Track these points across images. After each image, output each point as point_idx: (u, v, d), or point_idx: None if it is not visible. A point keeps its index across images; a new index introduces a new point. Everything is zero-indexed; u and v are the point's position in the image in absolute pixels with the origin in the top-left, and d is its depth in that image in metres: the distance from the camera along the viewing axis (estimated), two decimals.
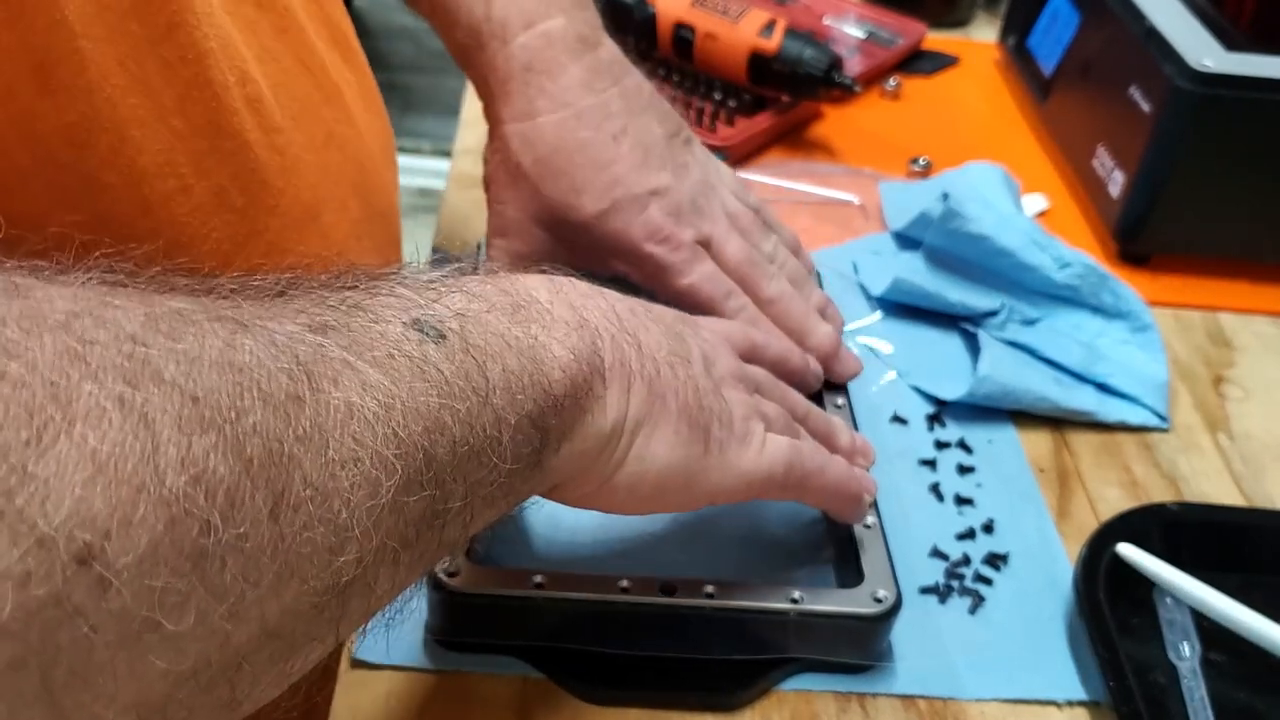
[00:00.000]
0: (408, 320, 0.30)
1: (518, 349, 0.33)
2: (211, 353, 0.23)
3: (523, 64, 0.51)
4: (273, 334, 0.25)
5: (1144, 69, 0.71)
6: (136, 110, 0.35)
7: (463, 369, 0.30)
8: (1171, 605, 0.50)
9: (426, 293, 0.32)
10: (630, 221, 0.50)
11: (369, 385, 0.27)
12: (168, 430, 0.21)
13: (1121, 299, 0.66)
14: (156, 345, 0.23)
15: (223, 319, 0.25)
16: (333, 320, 0.28)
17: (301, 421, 0.24)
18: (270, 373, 0.24)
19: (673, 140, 0.53)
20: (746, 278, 0.52)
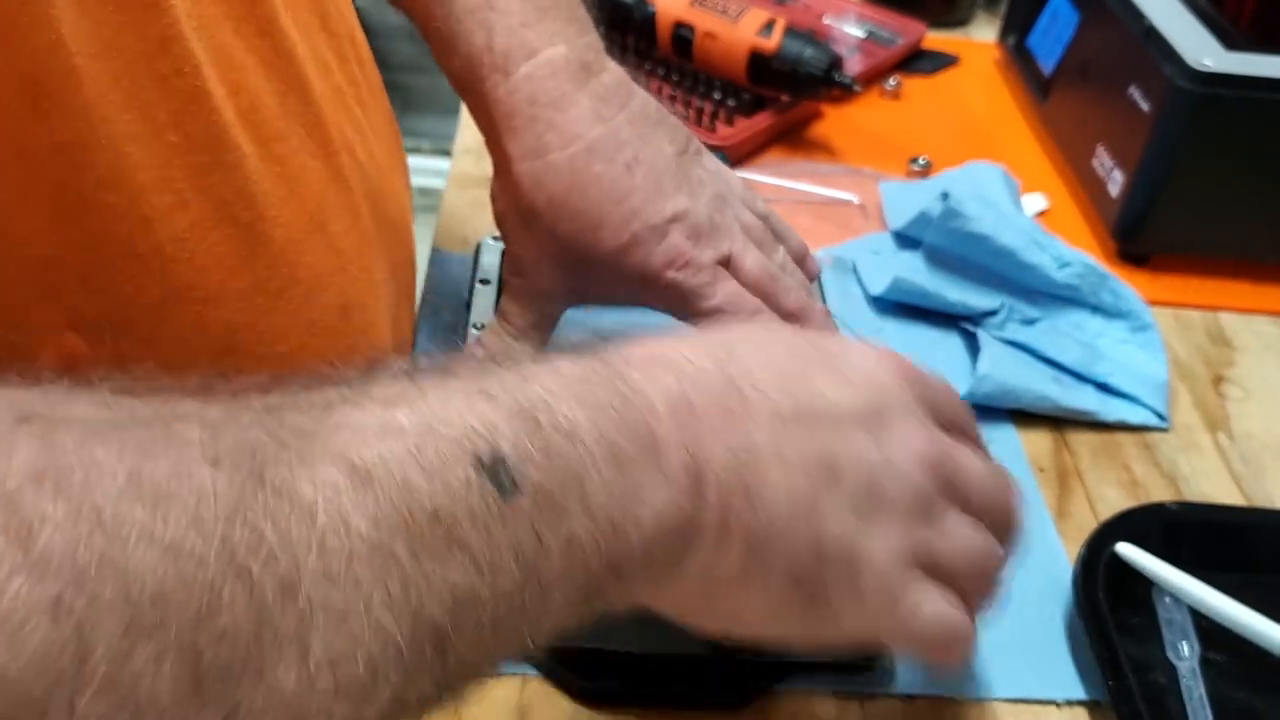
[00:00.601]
0: (478, 457, 0.26)
1: (599, 511, 0.28)
2: (187, 532, 0.21)
3: (527, 97, 0.49)
4: (284, 495, 0.22)
5: (1143, 68, 0.71)
6: (131, 126, 0.35)
7: (521, 535, 0.26)
8: (1171, 605, 0.50)
9: (512, 395, 0.28)
10: (651, 252, 0.49)
11: (395, 563, 0.23)
12: (102, 642, 0.19)
13: (1121, 298, 0.66)
14: (126, 525, 0.20)
15: (227, 484, 0.22)
16: (373, 463, 0.24)
17: (284, 620, 0.21)
18: (269, 555, 0.21)
19: (683, 157, 0.51)
20: (767, 292, 0.51)
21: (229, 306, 0.39)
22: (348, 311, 0.45)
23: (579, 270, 0.50)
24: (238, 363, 0.40)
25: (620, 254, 0.49)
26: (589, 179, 0.49)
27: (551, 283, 0.51)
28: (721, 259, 0.50)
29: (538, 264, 0.51)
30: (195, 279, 0.38)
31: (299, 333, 0.43)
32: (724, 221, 0.51)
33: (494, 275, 0.58)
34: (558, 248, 0.50)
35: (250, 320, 0.40)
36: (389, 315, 0.50)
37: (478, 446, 0.26)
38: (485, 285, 0.59)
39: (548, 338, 0.54)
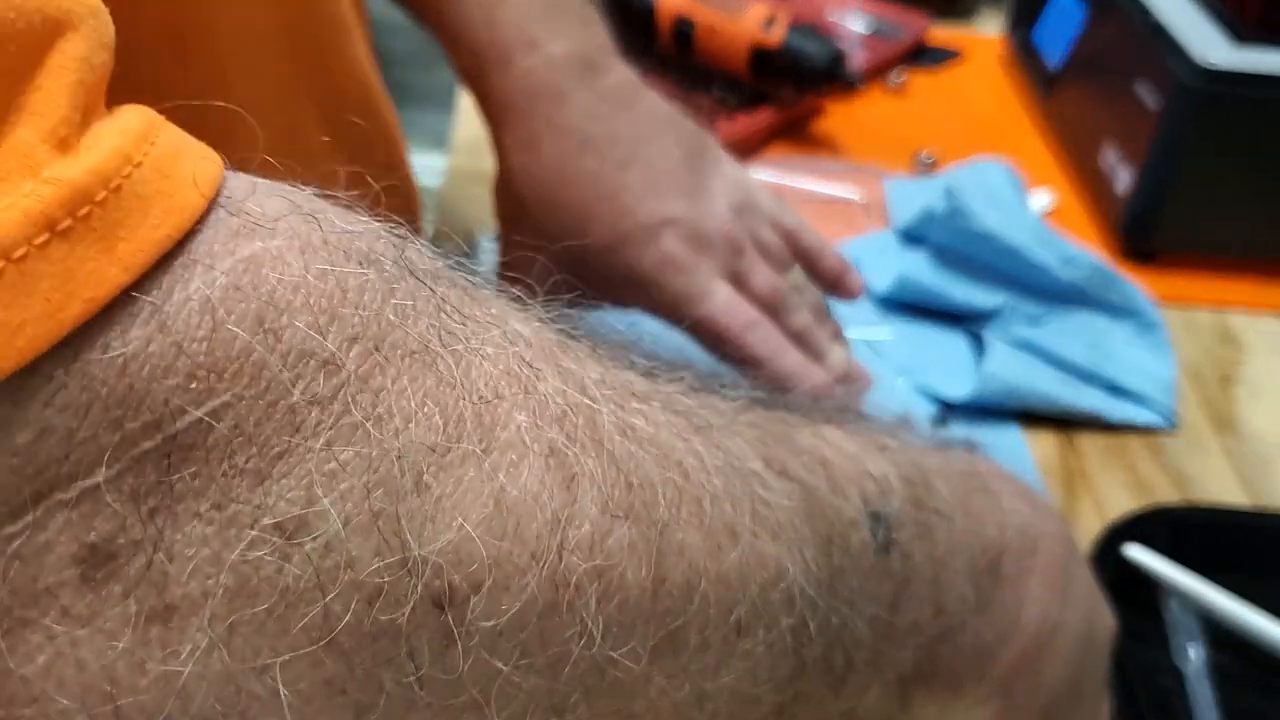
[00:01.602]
0: (867, 501, 0.25)
1: (941, 610, 0.28)
2: (661, 443, 0.21)
3: (525, 90, 0.49)
4: (730, 455, 0.22)
5: (1151, 64, 0.70)
6: (251, 99, 0.36)
7: (880, 595, 0.26)
8: (1178, 607, 0.49)
9: (906, 458, 0.28)
10: (641, 253, 0.48)
11: (808, 556, 0.23)
12: (589, 505, 0.19)
13: (1128, 297, 0.65)
14: (606, 409, 0.20)
15: (682, 413, 0.22)
16: (794, 469, 0.24)
17: (725, 564, 0.21)
18: (715, 494, 0.21)
19: (694, 162, 0.50)
20: (773, 310, 0.50)
21: None
22: None
23: (571, 269, 0.50)
24: None
25: (608, 252, 0.48)
26: (579, 174, 0.48)
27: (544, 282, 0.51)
28: (726, 270, 0.49)
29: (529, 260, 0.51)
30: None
31: None
32: (735, 233, 0.49)
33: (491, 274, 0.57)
34: (548, 242, 0.49)
35: None
36: None
37: (869, 491, 0.26)
38: None
39: None
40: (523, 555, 0.17)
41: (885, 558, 0.26)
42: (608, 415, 0.20)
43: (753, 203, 0.52)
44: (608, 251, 0.48)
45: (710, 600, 0.20)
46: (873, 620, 0.25)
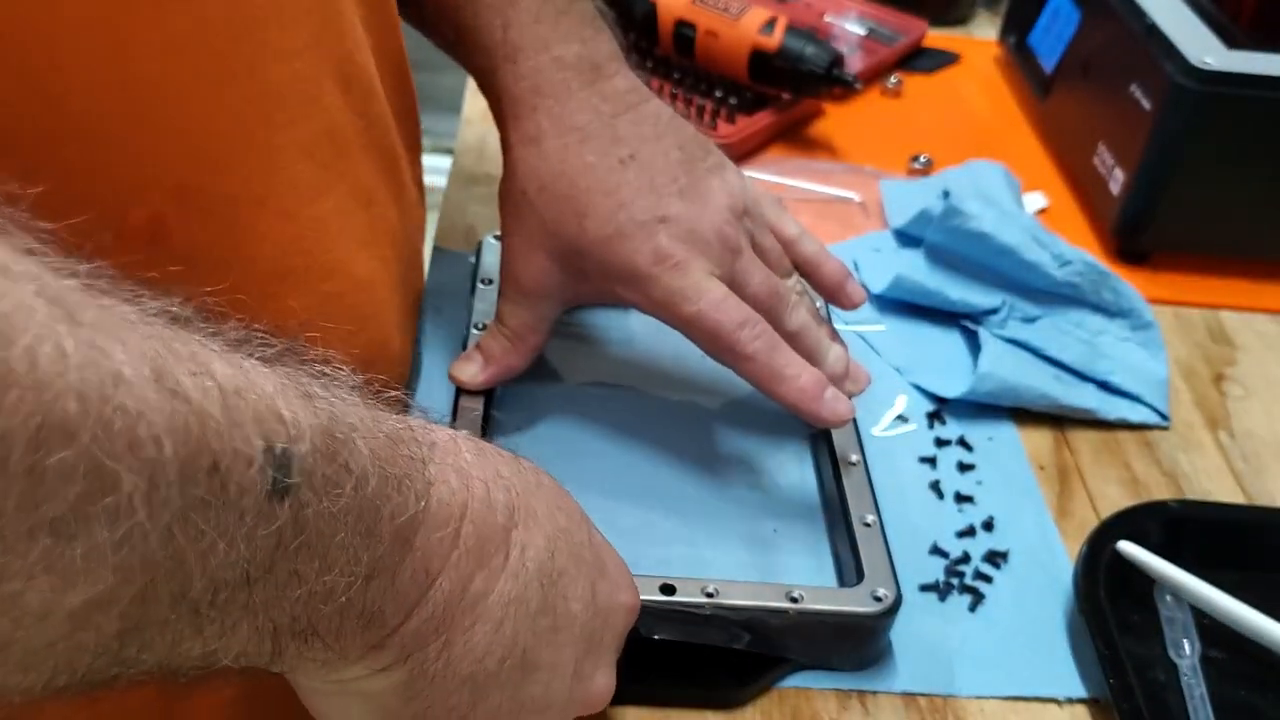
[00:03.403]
0: (269, 442, 0.25)
1: (330, 570, 0.27)
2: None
3: (531, 87, 0.50)
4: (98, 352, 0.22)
5: (1145, 67, 0.71)
6: (273, 36, 0.39)
7: (262, 542, 0.25)
8: (1172, 603, 0.50)
9: (330, 410, 0.27)
10: (637, 248, 0.49)
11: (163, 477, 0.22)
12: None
13: (1122, 297, 0.66)
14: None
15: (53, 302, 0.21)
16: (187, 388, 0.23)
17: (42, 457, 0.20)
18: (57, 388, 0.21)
19: (694, 165, 0.51)
20: (770, 310, 0.50)
21: (299, 229, 0.42)
22: (374, 283, 0.47)
23: (568, 262, 0.50)
24: (288, 288, 0.42)
25: (605, 245, 0.49)
26: (579, 168, 0.49)
27: (541, 275, 0.51)
28: (722, 272, 0.49)
29: (527, 254, 0.51)
30: (278, 191, 0.41)
31: (343, 280, 0.45)
32: (731, 235, 0.50)
33: (495, 274, 0.58)
34: (546, 235, 0.50)
35: (313, 251, 0.43)
36: (398, 313, 0.51)
37: (275, 433, 0.25)
38: (487, 285, 0.59)
39: (543, 341, 0.54)
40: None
41: (277, 503, 0.25)
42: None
43: (752, 208, 0.53)
44: (604, 245, 0.49)
45: (12, 493, 0.20)
46: (248, 561, 0.25)
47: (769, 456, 0.55)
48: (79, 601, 0.22)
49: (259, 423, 0.25)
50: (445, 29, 0.53)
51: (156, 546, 0.22)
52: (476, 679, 0.33)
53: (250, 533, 0.24)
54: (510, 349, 0.53)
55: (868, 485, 0.51)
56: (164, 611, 0.24)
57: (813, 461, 0.55)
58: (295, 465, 0.25)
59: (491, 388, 0.53)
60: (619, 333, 0.61)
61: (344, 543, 0.27)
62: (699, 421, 0.57)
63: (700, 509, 0.52)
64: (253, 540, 0.25)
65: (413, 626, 0.31)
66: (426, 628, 0.31)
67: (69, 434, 0.20)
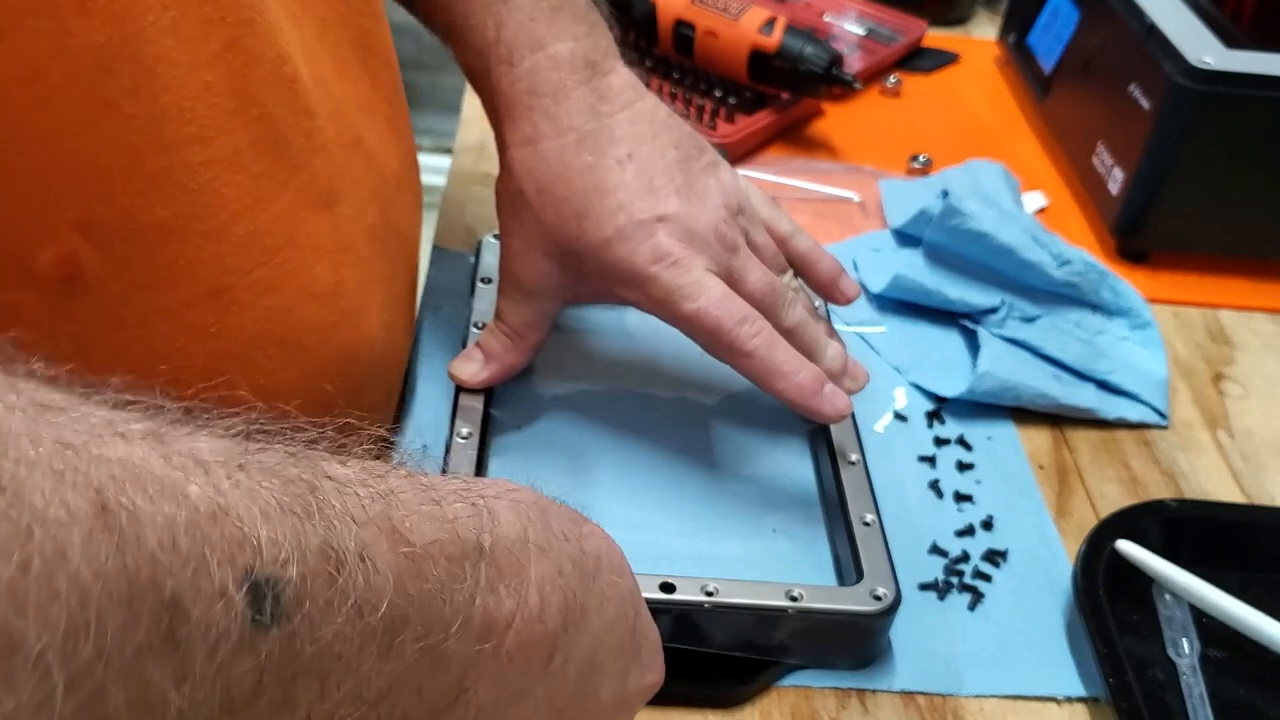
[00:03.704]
0: (249, 571, 0.22)
1: (327, 700, 0.25)
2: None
3: (527, 87, 0.50)
4: (15, 490, 0.19)
5: (1144, 66, 0.71)
6: (170, 51, 0.36)
7: (240, 673, 0.23)
8: (1171, 602, 0.50)
9: (326, 528, 0.25)
10: (636, 248, 0.49)
11: (79, 635, 0.19)
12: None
13: (1121, 296, 0.66)
14: None
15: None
16: (138, 512, 0.21)
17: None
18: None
19: (690, 164, 0.51)
20: (768, 307, 0.50)
21: (228, 249, 0.40)
22: (341, 290, 0.45)
23: (567, 263, 0.50)
24: (226, 305, 0.40)
25: (604, 246, 0.49)
26: (577, 169, 0.49)
27: (540, 274, 0.51)
28: (720, 269, 0.49)
29: (526, 254, 0.51)
30: (200, 213, 0.39)
31: (290, 293, 0.42)
32: (728, 234, 0.50)
33: (495, 274, 0.58)
34: (545, 236, 0.50)
35: (246, 268, 0.41)
36: (380, 311, 0.49)
37: (258, 562, 0.23)
38: (487, 284, 0.59)
39: (543, 339, 0.54)
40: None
41: (260, 635, 0.23)
42: None
43: (747, 207, 0.53)
44: (603, 245, 0.49)
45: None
46: (224, 693, 0.22)
47: (768, 455, 0.55)
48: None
49: (236, 550, 0.22)
50: (436, 27, 0.52)
51: (89, 703, 0.20)
52: None
53: (225, 669, 0.22)
54: (510, 347, 0.53)
55: (867, 484, 0.51)
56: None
57: (812, 460, 0.55)
58: (280, 594, 0.23)
59: (491, 386, 0.53)
60: (618, 331, 0.61)
61: (351, 667, 0.25)
62: (698, 420, 0.57)
63: (700, 507, 0.52)
64: (228, 675, 0.22)
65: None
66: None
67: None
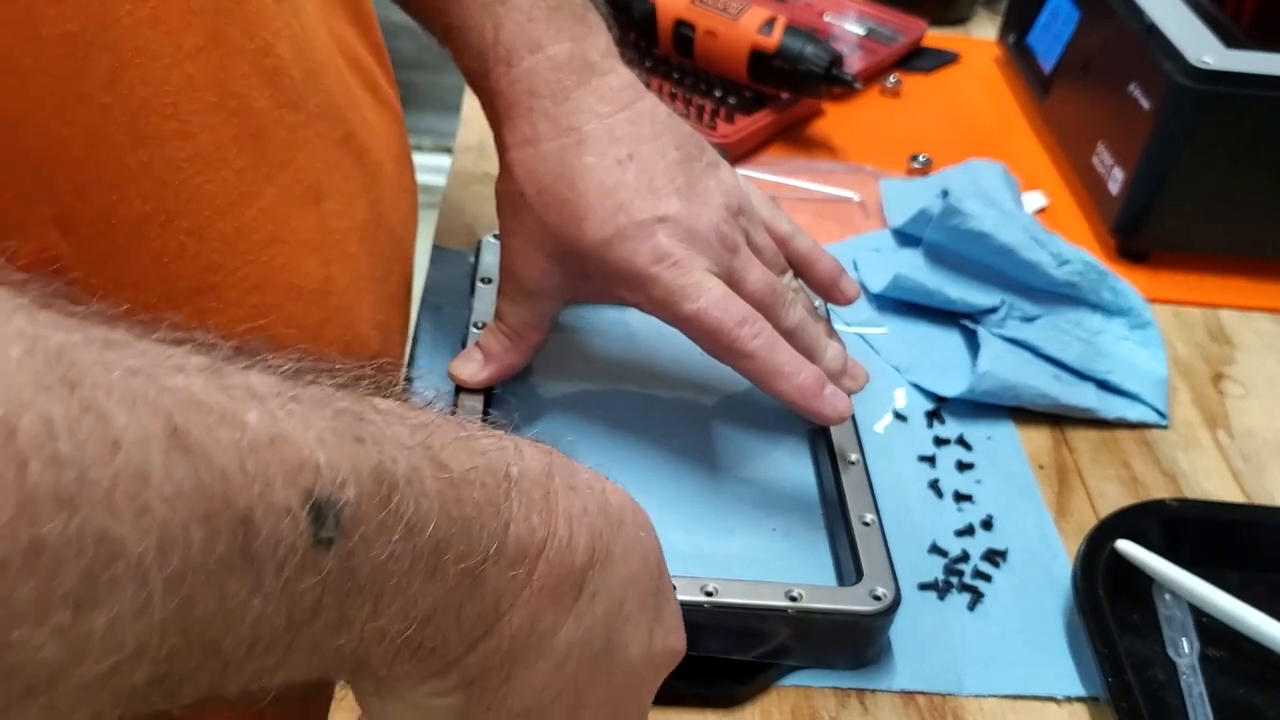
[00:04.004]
0: (309, 493, 0.24)
1: (384, 614, 0.27)
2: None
3: (526, 89, 0.50)
4: (98, 414, 0.21)
5: (1144, 66, 0.71)
6: (149, 43, 0.35)
7: (305, 588, 0.24)
8: (1170, 601, 0.50)
9: (379, 453, 0.26)
10: (637, 249, 0.49)
11: (189, 536, 0.21)
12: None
13: (1121, 296, 0.66)
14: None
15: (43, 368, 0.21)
16: (207, 446, 0.22)
17: (41, 533, 0.20)
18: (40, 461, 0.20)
19: (690, 164, 0.51)
20: (768, 308, 0.50)
21: (211, 245, 0.39)
22: (329, 287, 0.45)
23: (568, 264, 0.50)
24: (212, 303, 0.40)
25: (605, 247, 0.49)
26: (578, 170, 0.49)
27: (541, 275, 0.51)
28: (720, 270, 0.49)
29: (527, 254, 0.51)
30: (181, 208, 0.38)
31: (277, 290, 0.42)
32: (729, 234, 0.50)
33: (495, 274, 0.58)
34: (545, 237, 0.50)
35: (231, 265, 0.40)
36: (372, 310, 0.49)
37: (317, 483, 0.24)
38: (486, 284, 0.59)
39: (543, 340, 0.54)
40: None
41: (321, 552, 0.24)
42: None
43: (747, 207, 0.53)
44: (603, 246, 0.49)
45: (14, 569, 0.19)
46: (288, 610, 0.24)
47: (768, 455, 0.55)
48: (100, 667, 0.21)
49: (296, 472, 0.24)
50: (434, 29, 0.52)
51: (179, 610, 0.22)
52: (531, 714, 0.33)
53: (290, 584, 0.24)
54: (510, 347, 0.53)
55: (867, 484, 0.51)
56: (196, 662, 0.23)
57: (812, 460, 0.55)
58: (340, 514, 0.25)
59: (491, 386, 0.53)
60: (618, 331, 0.61)
61: (401, 586, 0.27)
62: (698, 420, 0.57)
63: (699, 507, 0.52)
64: (293, 591, 0.24)
65: (476, 658, 0.30)
66: (490, 660, 0.31)
67: (65, 504, 0.20)
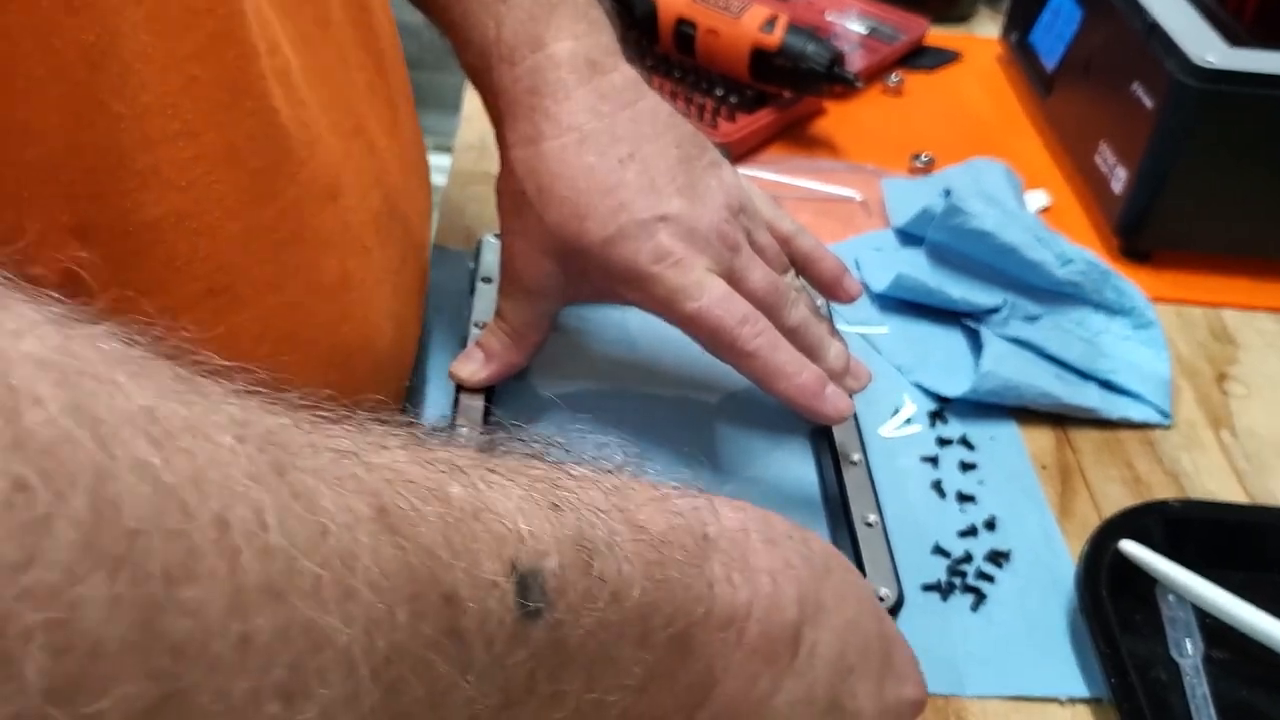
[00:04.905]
0: (515, 564, 0.23)
1: (597, 687, 0.26)
2: (203, 485, 0.19)
3: (528, 87, 0.49)
4: (311, 502, 0.21)
5: (1147, 65, 0.71)
6: (147, 46, 0.35)
7: (518, 663, 0.24)
8: (1174, 602, 0.50)
9: (578, 518, 0.25)
10: (638, 248, 0.48)
11: (390, 620, 0.21)
12: (60, 551, 0.17)
13: (1124, 295, 0.66)
14: (124, 442, 0.18)
15: (251, 455, 0.20)
16: (411, 524, 0.22)
17: (252, 626, 0.19)
18: (262, 548, 0.19)
19: (692, 164, 0.51)
20: (770, 307, 0.50)
21: (226, 245, 0.39)
22: (348, 283, 0.45)
23: (569, 263, 0.50)
24: (228, 304, 0.40)
25: (606, 246, 0.49)
26: (579, 169, 0.49)
27: (541, 274, 0.51)
28: (722, 269, 0.49)
29: (527, 254, 0.51)
30: (193, 209, 0.38)
31: (295, 290, 0.42)
32: (730, 233, 0.50)
33: (495, 273, 0.58)
34: (546, 236, 0.50)
35: (246, 265, 0.40)
36: (388, 302, 0.49)
37: (520, 554, 0.24)
38: (487, 283, 0.59)
39: (543, 339, 0.54)
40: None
41: (529, 625, 0.24)
42: (119, 451, 0.18)
43: (749, 206, 0.53)
44: (604, 245, 0.49)
45: (227, 665, 0.19)
46: (503, 689, 0.24)
47: (771, 455, 0.55)
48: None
49: (500, 544, 0.24)
50: (439, 24, 0.52)
51: (389, 695, 0.21)
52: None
53: (500, 660, 0.23)
54: (511, 346, 0.53)
55: (869, 485, 0.51)
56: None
57: (814, 460, 0.55)
58: (543, 584, 0.24)
59: (492, 385, 0.53)
60: (619, 330, 0.61)
61: (612, 656, 0.26)
62: (699, 420, 0.56)
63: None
64: (504, 667, 0.24)
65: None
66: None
67: (274, 595, 0.19)
